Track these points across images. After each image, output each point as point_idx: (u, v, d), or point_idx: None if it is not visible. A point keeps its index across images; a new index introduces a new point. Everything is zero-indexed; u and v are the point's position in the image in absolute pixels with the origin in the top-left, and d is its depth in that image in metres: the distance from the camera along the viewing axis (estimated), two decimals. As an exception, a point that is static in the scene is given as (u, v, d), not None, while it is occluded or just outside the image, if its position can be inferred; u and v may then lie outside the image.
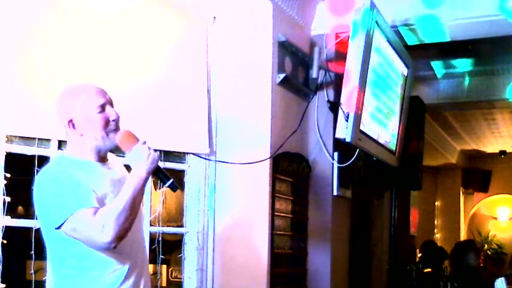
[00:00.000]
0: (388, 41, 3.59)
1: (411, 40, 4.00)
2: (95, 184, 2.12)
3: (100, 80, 2.91)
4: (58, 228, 2.04)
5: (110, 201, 2.11)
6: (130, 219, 2.05)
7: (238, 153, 3.47)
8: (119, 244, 2.03)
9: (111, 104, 2.21)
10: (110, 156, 2.32)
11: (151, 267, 3.43)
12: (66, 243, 2.09)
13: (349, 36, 3.33)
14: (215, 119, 3.55)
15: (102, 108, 2.16)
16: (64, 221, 2.01)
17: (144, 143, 2.15)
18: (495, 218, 10.71)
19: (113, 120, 2.17)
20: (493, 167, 10.00)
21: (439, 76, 5.61)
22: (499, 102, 5.94)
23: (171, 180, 2.20)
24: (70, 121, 2.16)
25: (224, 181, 3.52)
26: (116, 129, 2.19)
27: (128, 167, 2.23)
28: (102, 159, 2.24)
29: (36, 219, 2.55)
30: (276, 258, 3.51)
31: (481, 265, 8.96)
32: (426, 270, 5.55)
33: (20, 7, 2.76)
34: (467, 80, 5.69)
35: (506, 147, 9.28)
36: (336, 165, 3.94)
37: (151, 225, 3.32)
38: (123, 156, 2.26)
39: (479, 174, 10.03)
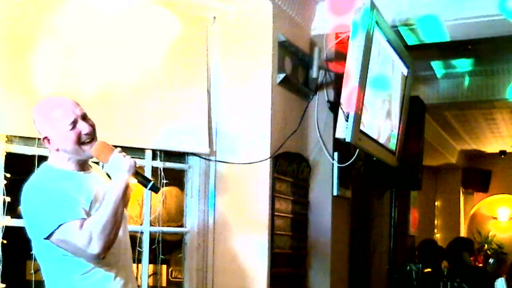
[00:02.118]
0: (388, 41, 3.59)
1: (411, 40, 4.00)
2: (80, 193, 2.15)
3: (100, 80, 2.93)
4: (47, 238, 2.07)
5: (96, 209, 2.15)
6: (115, 229, 2.10)
7: (238, 153, 3.47)
8: (107, 254, 2.09)
9: (83, 117, 2.22)
10: (92, 163, 2.36)
11: (151, 267, 3.44)
12: (53, 251, 2.12)
13: (349, 36, 3.32)
14: (215, 119, 3.55)
15: (73, 124, 2.18)
16: (52, 232, 2.05)
17: (120, 151, 2.19)
18: (495, 218, 10.72)
19: (86, 134, 2.19)
20: (493, 167, 10.00)
21: (439, 76, 5.61)
22: (499, 102, 5.95)
23: (151, 183, 2.25)
24: (45, 137, 2.20)
25: (224, 181, 3.52)
26: (91, 140, 2.21)
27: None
28: (84, 167, 2.27)
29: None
30: (276, 258, 3.51)
31: (481, 264, 8.97)
32: (426, 270, 5.55)
33: (20, 7, 2.77)
34: (467, 80, 5.69)
35: (506, 147, 9.29)
36: (336, 165, 3.94)
37: (151, 225, 3.32)
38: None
39: (479, 174, 10.04)
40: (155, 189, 2.27)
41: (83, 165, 2.27)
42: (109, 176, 2.27)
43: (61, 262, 2.13)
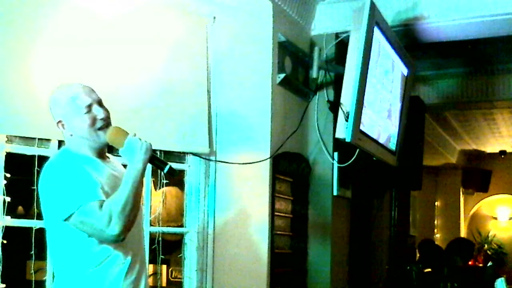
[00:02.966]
0: (388, 41, 3.59)
1: (411, 40, 4.00)
2: (100, 177, 2.14)
3: (101, 80, 2.92)
4: (66, 220, 2.06)
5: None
6: (135, 210, 2.09)
7: (238, 153, 3.47)
8: (126, 235, 2.07)
9: (99, 103, 2.22)
10: (109, 155, 2.35)
11: (151, 267, 3.44)
12: (69, 238, 2.10)
13: (349, 36, 3.33)
14: (215, 119, 3.55)
15: (89, 108, 2.18)
16: (73, 213, 2.04)
17: (134, 135, 2.18)
18: (495, 218, 10.73)
19: (101, 119, 2.19)
20: (493, 167, 10.01)
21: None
22: (499, 102, 5.95)
23: (168, 166, 2.22)
24: (59, 122, 2.20)
25: (224, 181, 3.52)
26: (105, 126, 2.21)
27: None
28: (101, 155, 2.26)
29: (36, 218, 2.56)
30: (276, 258, 3.51)
31: (481, 264, 8.98)
32: (426, 270, 5.56)
33: (21, 7, 2.77)
34: (467, 80, 5.69)
35: (506, 147, 9.30)
36: (336, 165, 3.93)
37: (151, 225, 3.32)
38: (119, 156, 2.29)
39: (479, 174, 10.05)
40: (172, 172, 2.23)
41: (101, 154, 2.25)
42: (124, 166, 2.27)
43: (75, 251, 2.11)
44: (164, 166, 2.22)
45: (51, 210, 2.12)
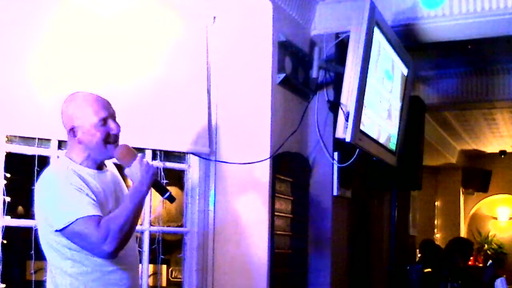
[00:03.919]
0: (388, 41, 3.59)
1: (411, 40, 3.99)
2: (97, 191, 2.16)
3: (100, 80, 2.93)
4: (60, 230, 2.06)
5: (110, 208, 2.17)
6: (132, 230, 2.13)
7: (238, 153, 3.47)
8: (119, 253, 2.10)
9: (114, 117, 2.24)
10: (106, 162, 2.37)
11: (151, 267, 3.44)
12: (64, 248, 2.12)
13: (349, 36, 3.33)
14: (215, 119, 3.55)
15: (104, 121, 2.20)
16: (68, 225, 2.04)
17: (143, 157, 2.23)
18: (495, 218, 10.73)
19: (114, 134, 2.21)
20: (493, 167, 10.01)
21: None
22: (499, 102, 5.95)
23: (168, 193, 2.28)
24: (72, 128, 2.20)
25: (224, 181, 3.52)
26: (115, 141, 2.23)
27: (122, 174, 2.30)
28: (100, 167, 2.28)
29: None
30: (276, 258, 3.51)
31: (481, 264, 8.99)
32: (426, 270, 5.55)
33: (21, 7, 2.77)
34: (467, 80, 5.69)
35: (506, 147, 9.30)
36: (336, 165, 3.93)
37: (151, 225, 3.32)
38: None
39: (479, 174, 10.04)
40: (171, 199, 2.29)
41: (100, 164, 2.27)
42: (121, 173, 2.28)
43: (70, 263, 2.13)
44: (165, 192, 2.28)
45: (46, 221, 2.12)
